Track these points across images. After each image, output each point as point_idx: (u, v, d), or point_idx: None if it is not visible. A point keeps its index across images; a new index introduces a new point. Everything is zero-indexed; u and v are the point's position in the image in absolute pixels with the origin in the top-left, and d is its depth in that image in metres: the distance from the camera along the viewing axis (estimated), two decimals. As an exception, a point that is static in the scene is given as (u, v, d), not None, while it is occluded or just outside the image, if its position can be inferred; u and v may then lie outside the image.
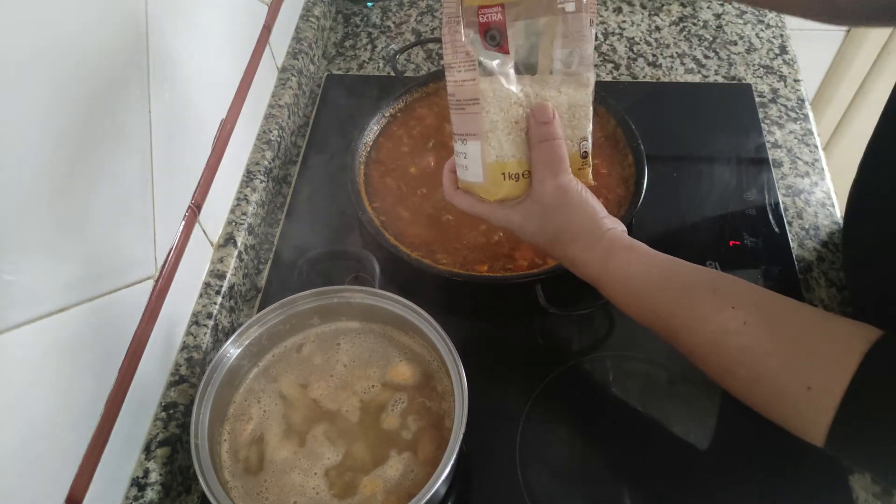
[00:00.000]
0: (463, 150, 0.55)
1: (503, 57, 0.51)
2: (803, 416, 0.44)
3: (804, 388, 0.43)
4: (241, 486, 0.56)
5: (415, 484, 0.54)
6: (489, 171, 0.54)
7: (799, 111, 0.90)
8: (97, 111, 0.50)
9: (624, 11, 1.03)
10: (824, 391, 0.42)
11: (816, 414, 0.43)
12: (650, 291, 0.52)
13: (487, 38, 0.51)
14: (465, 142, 0.54)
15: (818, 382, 0.43)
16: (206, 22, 0.69)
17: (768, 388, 0.46)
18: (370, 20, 1.04)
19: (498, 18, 0.50)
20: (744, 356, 0.47)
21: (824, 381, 0.42)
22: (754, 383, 0.47)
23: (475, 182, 0.55)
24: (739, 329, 0.47)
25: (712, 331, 0.48)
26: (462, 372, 0.56)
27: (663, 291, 0.51)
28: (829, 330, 0.45)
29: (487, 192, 0.55)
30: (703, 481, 0.62)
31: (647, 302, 0.52)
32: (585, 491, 0.62)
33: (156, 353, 0.60)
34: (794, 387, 0.44)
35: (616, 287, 0.54)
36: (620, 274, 0.53)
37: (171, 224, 0.63)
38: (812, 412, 0.43)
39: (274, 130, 0.83)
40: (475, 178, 0.55)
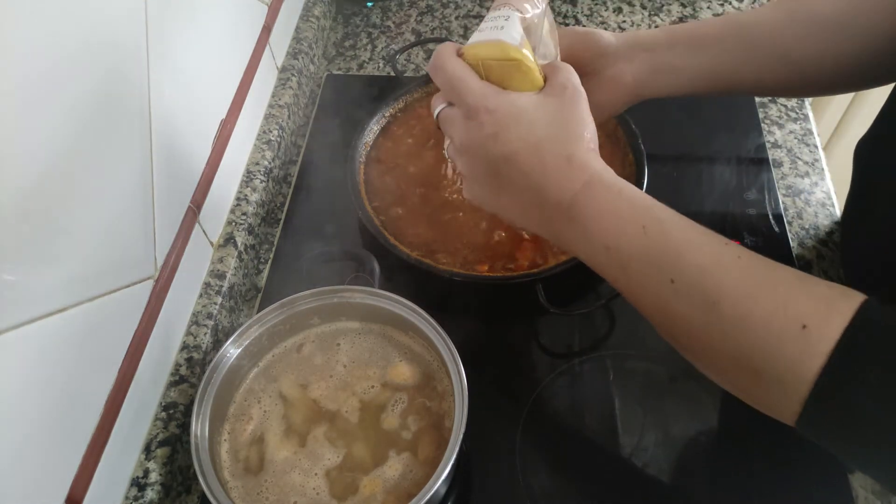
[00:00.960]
0: (506, 14, 0.49)
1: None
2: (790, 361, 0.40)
3: (798, 326, 0.39)
4: (241, 486, 0.56)
5: (415, 484, 0.55)
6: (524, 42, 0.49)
7: (799, 111, 0.90)
8: (97, 111, 0.50)
9: (624, 11, 1.03)
10: (821, 329, 0.39)
11: (808, 357, 0.39)
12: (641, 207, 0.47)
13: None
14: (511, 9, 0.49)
15: (815, 322, 0.39)
16: (206, 22, 0.69)
17: (758, 325, 0.41)
18: (370, 20, 1.04)
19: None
20: (735, 287, 0.42)
21: (822, 319, 0.39)
22: (742, 320, 0.42)
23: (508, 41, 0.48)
24: (733, 262, 0.43)
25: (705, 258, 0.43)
26: (462, 372, 0.56)
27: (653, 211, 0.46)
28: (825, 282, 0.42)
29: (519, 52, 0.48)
30: (704, 480, 0.62)
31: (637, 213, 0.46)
32: (585, 491, 0.62)
33: (156, 353, 0.60)
34: (787, 325, 0.40)
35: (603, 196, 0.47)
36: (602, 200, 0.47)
37: (171, 224, 0.63)
38: (803, 354, 0.39)
39: (274, 130, 0.83)
40: (510, 39, 0.48)
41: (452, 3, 1.06)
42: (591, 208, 0.47)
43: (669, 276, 0.44)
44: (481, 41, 0.49)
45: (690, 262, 0.44)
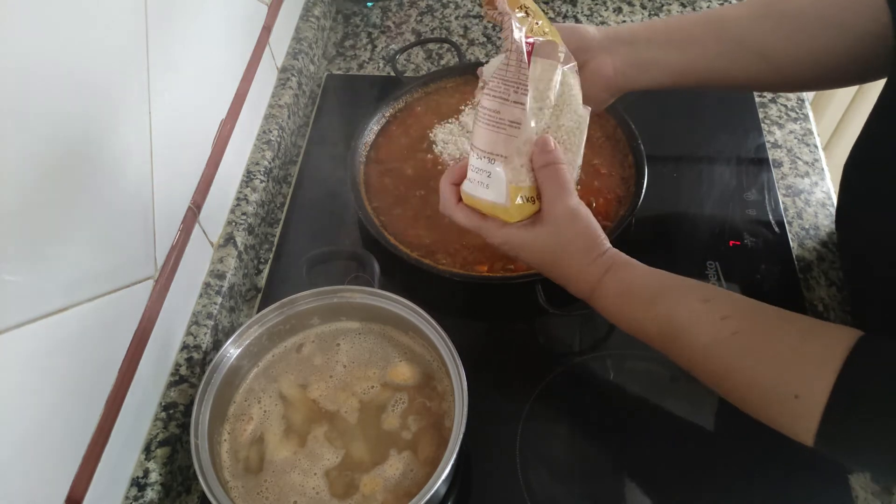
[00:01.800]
0: (487, 169, 0.55)
1: None
2: (793, 421, 0.46)
3: (792, 397, 0.46)
4: (241, 486, 0.56)
5: (415, 483, 0.55)
6: (511, 193, 0.55)
7: (799, 111, 0.90)
8: (97, 111, 0.50)
9: (624, 11, 1.03)
10: (810, 398, 0.45)
11: (805, 419, 0.45)
12: (644, 304, 0.54)
13: None
14: (492, 161, 0.54)
15: (804, 390, 0.45)
16: (206, 22, 0.69)
17: (759, 396, 0.48)
18: (370, 20, 1.04)
19: (529, 50, 0.53)
20: (734, 364, 0.49)
21: (809, 389, 0.45)
22: (746, 390, 0.49)
23: (496, 202, 0.56)
24: (730, 339, 0.49)
25: (705, 342, 0.50)
26: (462, 372, 0.56)
27: (657, 305, 0.53)
28: (813, 338, 0.47)
29: (507, 213, 0.56)
30: (704, 480, 0.62)
31: (640, 313, 0.54)
32: (585, 491, 0.62)
33: (156, 353, 0.60)
34: (782, 395, 0.46)
35: (611, 301, 0.55)
36: (616, 288, 0.55)
37: (171, 224, 0.63)
38: (801, 418, 0.45)
39: (274, 130, 0.83)
40: (496, 199, 0.55)
41: (452, 3, 1.06)
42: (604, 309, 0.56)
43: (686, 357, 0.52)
44: (473, 196, 0.57)
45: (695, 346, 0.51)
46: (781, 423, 0.48)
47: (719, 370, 0.50)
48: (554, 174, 0.55)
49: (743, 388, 0.49)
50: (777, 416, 0.48)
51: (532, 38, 0.53)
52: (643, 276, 0.55)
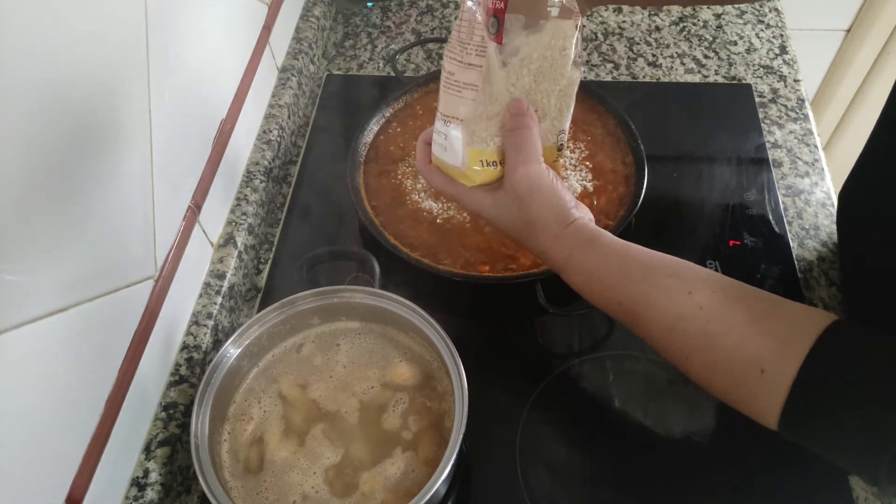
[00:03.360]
0: (444, 132, 0.54)
1: (497, 47, 0.52)
2: (757, 400, 0.45)
3: (758, 372, 0.44)
4: (241, 486, 0.56)
5: (415, 483, 0.55)
6: (469, 156, 0.54)
7: (799, 111, 0.90)
8: (97, 111, 0.50)
9: (624, 11, 1.03)
10: (777, 375, 0.43)
11: (769, 398, 0.43)
12: (611, 282, 0.52)
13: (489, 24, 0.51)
14: (447, 124, 0.54)
15: (771, 366, 0.43)
16: (206, 22, 0.69)
17: (724, 373, 0.47)
18: (370, 20, 1.04)
19: (501, 6, 0.51)
20: (699, 342, 0.47)
21: (777, 365, 0.43)
22: (710, 368, 0.47)
23: (453, 165, 0.55)
24: (696, 314, 0.47)
25: (670, 317, 0.49)
26: (462, 372, 0.56)
27: (623, 281, 0.52)
28: (784, 315, 0.46)
29: (465, 177, 0.55)
30: (704, 480, 0.62)
31: (608, 291, 0.53)
32: (585, 491, 0.62)
33: (156, 353, 0.60)
34: (748, 371, 0.45)
35: (580, 278, 0.54)
36: (583, 265, 0.53)
37: (171, 224, 0.63)
38: (765, 396, 0.44)
39: (274, 130, 0.83)
40: (454, 162, 0.55)
41: (452, 3, 1.06)
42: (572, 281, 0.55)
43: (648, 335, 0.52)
44: (434, 156, 0.57)
45: (660, 325, 0.50)
46: (745, 401, 0.46)
47: (684, 346, 0.48)
48: (518, 139, 0.53)
49: (708, 364, 0.47)
50: (741, 393, 0.46)
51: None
52: (610, 254, 0.53)
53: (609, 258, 0.53)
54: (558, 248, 0.54)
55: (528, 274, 0.70)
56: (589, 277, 0.53)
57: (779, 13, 1.03)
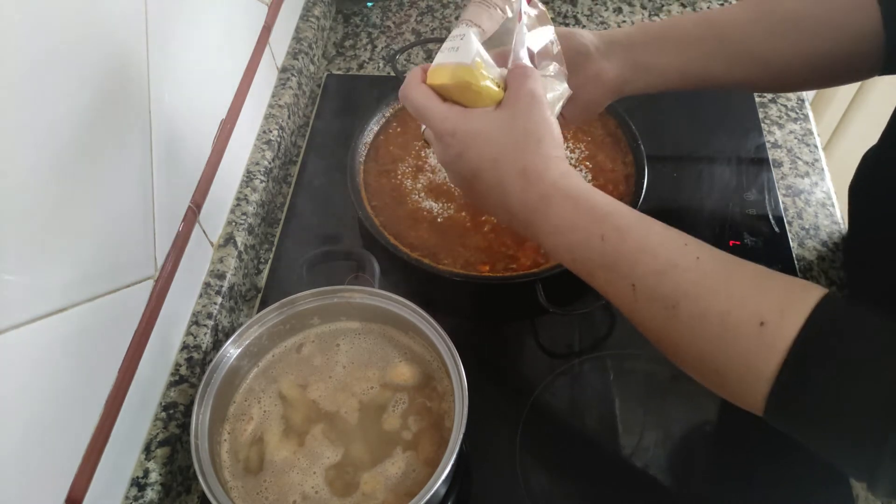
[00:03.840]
0: (462, 34, 0.52)
1: None
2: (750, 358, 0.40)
3: (756, 324, 0.40)
4: (241, 486, 0.56)
5: (416, 483, 0.55)
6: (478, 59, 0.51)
7: (799, 111, 0.90)
8: (97, 111, 0.50)
9: (624, 11, 1.03)
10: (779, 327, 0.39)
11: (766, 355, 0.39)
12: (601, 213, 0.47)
13: None
14: (469, 26, 0.53)
15: (772, 317, 0.39)
16: (206, 22, 0.69)
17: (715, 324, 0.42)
18: (370, 20, 1.04)
19: None
20: (692, 289, 0.43)
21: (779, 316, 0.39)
22: (701, 319, 0.43)
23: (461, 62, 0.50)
24: (690, 264, 0.44)
25: (663, 261, 0.44)
26: (462, 372, 0.56)
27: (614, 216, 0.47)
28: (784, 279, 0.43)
29: (472, 73, 0.50)
30: (704, 480, 0.62)
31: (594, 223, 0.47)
32: (585, 491, 0.62)
33: (156, 353, 0.60)
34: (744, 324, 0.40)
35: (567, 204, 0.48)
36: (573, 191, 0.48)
37: (171, 224, 0.63)
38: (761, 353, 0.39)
39: (274, 130, 0.83)
40: (464, 59, 0.51)
41: (452, 3, 1.06)
42: (549, 223, 0.48)
43: (630, 282, 0.45)
44: (438, 65, 0.52)
45: (647, 267, 0.45)
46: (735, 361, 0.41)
47: (674, 291, 0.43)
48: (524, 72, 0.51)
49: (699, 313, 0.42)
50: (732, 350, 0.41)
51: None
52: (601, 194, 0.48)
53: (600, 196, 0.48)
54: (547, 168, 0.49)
55: (528, 274, 0.70)
56: (576, 205, 0.47)
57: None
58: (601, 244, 0.46)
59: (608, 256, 0.46)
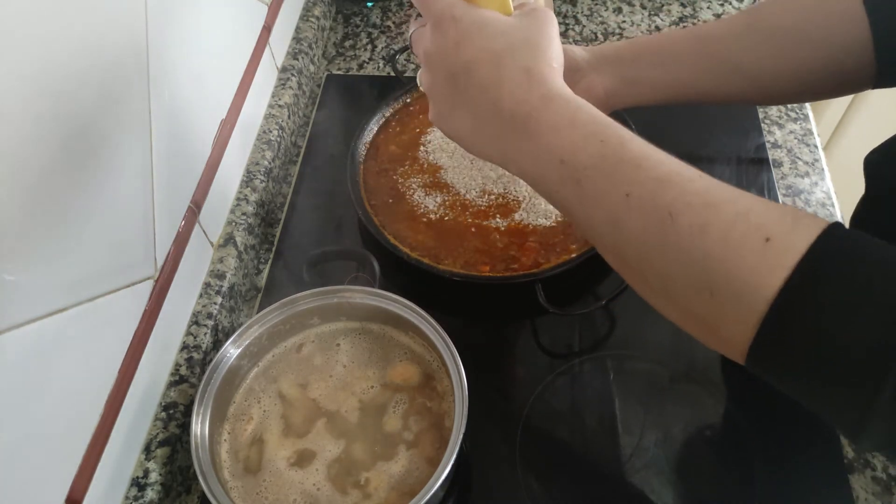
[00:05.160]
0: None
1: None
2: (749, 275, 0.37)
3: (762, 238, 0.37)
4: (241, 486, 0.56)
5: (418, 482, 0.55)
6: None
7: (799, 111, 0.90)
8: (97, 111, 0.50)
9: (624, 11, 1.03)
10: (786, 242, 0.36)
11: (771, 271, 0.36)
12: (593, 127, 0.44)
13: None
14: None
15: (780, 231, 0.37)
16: (206, 22, 0.69)
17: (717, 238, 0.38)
18: (370, 20, 1.04)
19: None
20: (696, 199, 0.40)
21: (786, 233, 0.36)
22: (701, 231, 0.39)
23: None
24: (695, 175, 0.41)
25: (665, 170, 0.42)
26: (462, 372, 0.56)
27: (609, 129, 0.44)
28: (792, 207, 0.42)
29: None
30: (704, 480, 0.62)
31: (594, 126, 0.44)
32: (585, 491, 0.62)
33: (156, 353, 0.60)
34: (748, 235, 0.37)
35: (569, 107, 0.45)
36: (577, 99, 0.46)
37: (171, 224, 0.63)
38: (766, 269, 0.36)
39: (274, 130, 0.83)
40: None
41: (452, 3, 1.06)
42: (547, 121, 0.45)
43: (625, 190, 0.42)
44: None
45: (649, 174, 0.42)
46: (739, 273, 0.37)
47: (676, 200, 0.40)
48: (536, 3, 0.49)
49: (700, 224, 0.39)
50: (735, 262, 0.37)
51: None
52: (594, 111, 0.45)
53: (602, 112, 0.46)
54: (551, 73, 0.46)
55: (528, 274, 0.70)
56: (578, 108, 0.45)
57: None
58: (600, 146, 0.43)
59: (607, 159, 0.43)
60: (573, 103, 0.45)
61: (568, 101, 0.45)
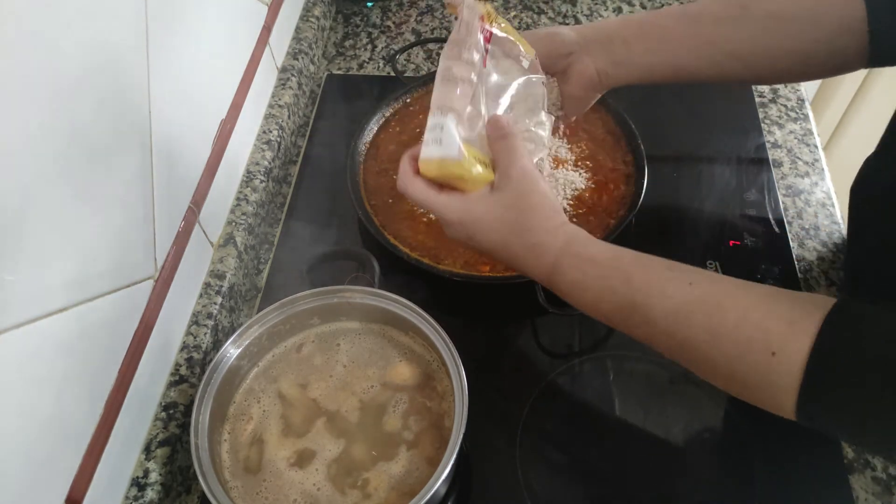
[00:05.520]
0: (440, 123, 0.53)
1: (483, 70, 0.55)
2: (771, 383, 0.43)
3: (768, 354, 0.43)
4: (241, 486, 0.56)
5: (419, 482, 0.55)
6: (465, 147, 0.53)
7: (799, 111, 0.90)
8: (97, 111, 0.50)
9: (624, 11, 1.03)
10: (789, 355, 0.42)
11: (784, 378, 0.42)
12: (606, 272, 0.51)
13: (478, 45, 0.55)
14: (444, 114, 0.53)
15: (782, 345, 0.42)
16: (206, 22, 0.69)
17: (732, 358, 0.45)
18: (370, 20, 1.04)
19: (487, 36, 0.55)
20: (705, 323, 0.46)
21: (788, 345, 0.42)
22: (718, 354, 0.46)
23: (448, 156, 0.53)
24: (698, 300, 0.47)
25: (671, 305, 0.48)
26: (462, 372, 0.56)
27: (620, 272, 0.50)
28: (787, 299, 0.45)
29: (461, 167, 0.53)
30: (704, 480, 0.62)
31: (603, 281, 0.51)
32: (585, 491, 0.62)
33: (156, 353, 0.60)
34: (758, 353, 0.43)
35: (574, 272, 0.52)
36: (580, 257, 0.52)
37: (171, 224, 0.63)
38: (779, 377, 0.42)
39: (274, 130, 0.83)
40: (450, 152, 0.53)
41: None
42: (564, 284, 0.53)
43: (644, 332, 0.50)
44: (426, 158, 0.54)
45: (659, 312, 0.48)
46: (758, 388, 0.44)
47: (687, 335, 0.47)
48: (507, 143, 0.54)
49: (713, 351, 0.45)
50: (752, 380, 0.44)
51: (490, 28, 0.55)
52: (605, 248, 0.52)
53: (605, 252, 0.52)
54: (552, 245, 0.53)
55: (528, 274, 0.70)
56: (584, 270, 0.52)
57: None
58: (613, 294, 0.50)
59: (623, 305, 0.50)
60: (580, 261, 0.52)
61: (577, 262, 0.52)
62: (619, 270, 0.50)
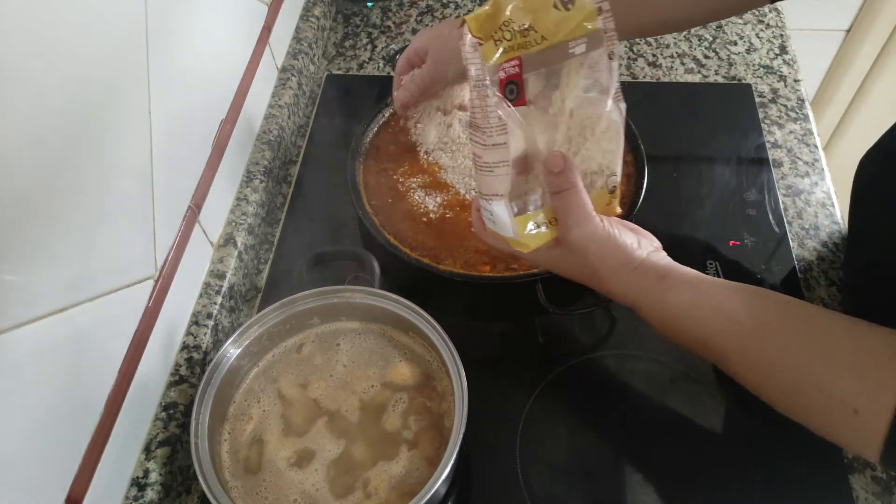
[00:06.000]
0: (489, 209, 0.53)
1: (522, 109, 0.50)
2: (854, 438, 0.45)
3: (851, 412, 0.44)
4: (241, 486, 0.56)
5: (419, 482, 0.55)
6: (518, 225, 0.53)
7: (799, 111, 0.90)
8: (97, 111, 0.50)
9: None
10: (872, 415, 0.43)
11: (867, 437, 0.44)
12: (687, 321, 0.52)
13: (506, 92, 0.49)
14: (489, 201, 0.52)
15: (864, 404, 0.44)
16: (206, 22, 0.69)
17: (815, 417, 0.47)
18: (370, 20, 1.04)
19: (515, 72, 0.49)
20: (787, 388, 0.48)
21: (870, 404, 0.43)
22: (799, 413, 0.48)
23: (505, 236, 0.54)
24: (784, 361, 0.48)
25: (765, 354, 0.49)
26: (462, 372, 0.56)
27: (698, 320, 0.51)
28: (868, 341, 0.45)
29: (520, 244, 0.53)
30: (704, 481, 0.62)
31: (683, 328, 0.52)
32: (585, 491, 0.62)
33: (156, 353, 0.60)
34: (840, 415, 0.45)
35: (655, 318, 0.53)
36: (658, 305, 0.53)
37: (171, 224, 0.63)
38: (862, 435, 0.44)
39: (274, 130, 0.83)
40: (505, 233, 0.53)
41: (452, 3, 1.06)
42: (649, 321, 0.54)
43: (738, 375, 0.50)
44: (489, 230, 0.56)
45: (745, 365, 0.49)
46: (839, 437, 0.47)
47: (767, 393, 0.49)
48: (564, 201, 0.52)
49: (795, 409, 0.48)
50: (837, 434, 0.46)
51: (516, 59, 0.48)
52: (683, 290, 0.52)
53: (682, 295, 0.52)
54: (629, 293, 0.54)
55: (528, 274, 0.70)
56: (663, 316, 0.53)
57: (779, 13, 1.03)
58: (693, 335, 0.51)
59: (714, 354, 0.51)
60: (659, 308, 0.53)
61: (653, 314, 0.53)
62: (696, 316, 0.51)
